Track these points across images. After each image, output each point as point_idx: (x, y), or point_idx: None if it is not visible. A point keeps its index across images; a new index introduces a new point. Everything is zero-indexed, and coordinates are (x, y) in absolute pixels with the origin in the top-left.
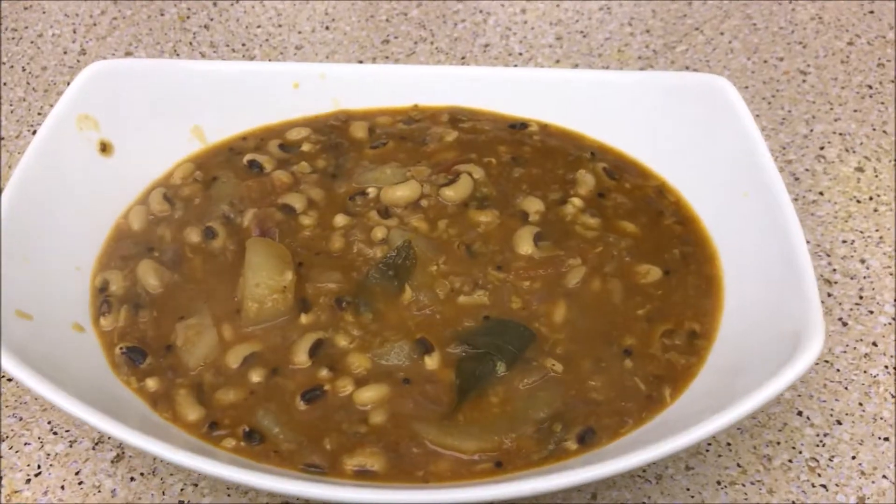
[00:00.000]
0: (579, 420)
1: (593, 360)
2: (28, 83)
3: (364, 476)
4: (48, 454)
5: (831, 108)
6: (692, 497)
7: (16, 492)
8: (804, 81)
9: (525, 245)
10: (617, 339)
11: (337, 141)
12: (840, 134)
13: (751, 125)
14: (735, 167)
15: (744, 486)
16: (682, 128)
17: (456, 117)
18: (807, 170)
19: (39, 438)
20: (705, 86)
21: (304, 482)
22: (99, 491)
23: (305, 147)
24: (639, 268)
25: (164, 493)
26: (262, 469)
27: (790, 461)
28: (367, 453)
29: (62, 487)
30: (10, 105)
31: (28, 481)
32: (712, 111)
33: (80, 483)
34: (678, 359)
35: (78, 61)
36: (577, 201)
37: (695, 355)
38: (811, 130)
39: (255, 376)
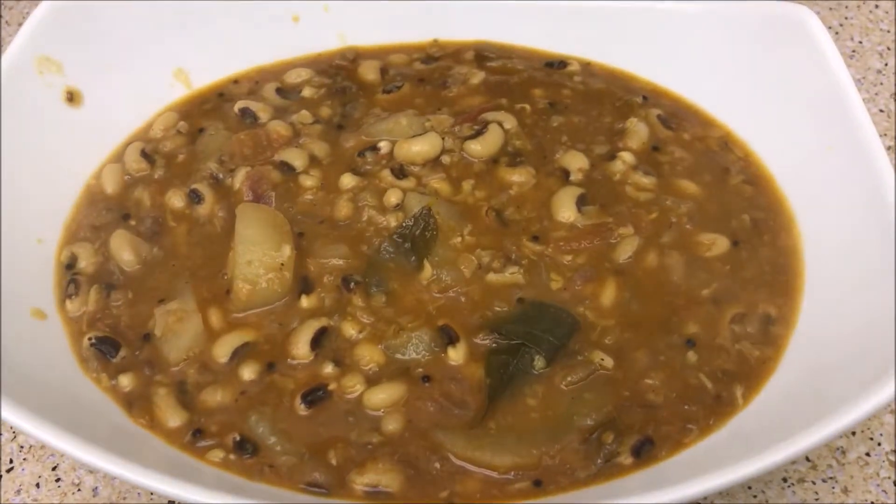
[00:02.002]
0: (634, 428)
1: (649, 353)
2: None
3: (377, 498)
4: (21, 447)
5: None
6: (754, 497)
7: None
8: (877, 7)
9: (566, 210)
10: (677, 327)
11: (343, 84)
12: None
13: (837, 64)
14: (817, 115)
15: (814, 483)
16: (751, 67)
17: (483, 54)
18: (881, 111)
19: (12, 429)
20: (782, 17)
21: None
22: (79, 489)
23: (307, 92)
24: (702, 238)
25: (151, 494)
26: (254, 492)
27: (868, 455)
28: (380, 469)
29: (37, 485)
30: None
31: None
32: (790, 47)
33: (58, 480)
34: (751, 350)
35: None
36: (627, 156)
37: (771, 346)
38: (885, 65)
39: (248, 373)
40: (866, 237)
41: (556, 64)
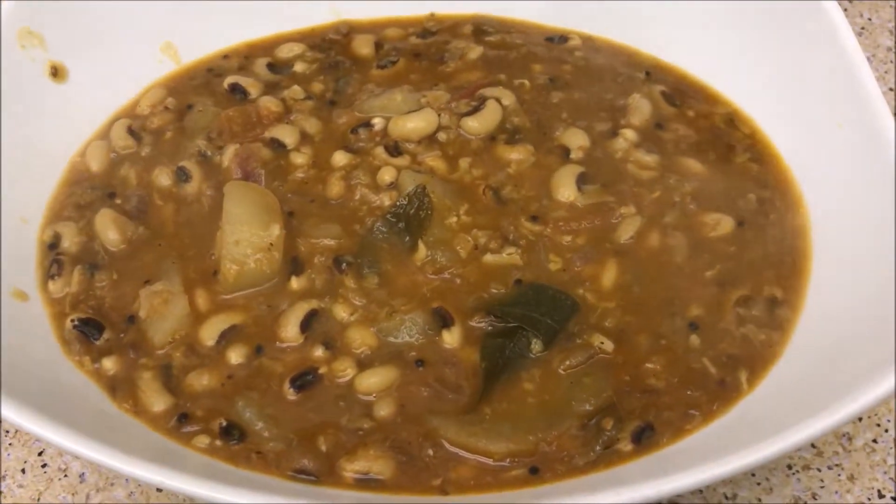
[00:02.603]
0: (635, 413)
1: (651, 336)
2: None
3: (367, 485)
4: (7, 431)
5: None
6: (758, 484)
7: None
8: None
9: (566, 189)
10: (680, 309)
11: (337, 59)
12: None
13: (848, 37)
14: (827, 91)
15: (819, 470)
16: (759, 42)
17: (481, 29)
18: (891, 89)
19: None
20: None
21: (290, 500)
22: (65, 475)
23: (299, 67)
24: (706, 217)
25: None
26: (240, 479)
27: (874, 441)
28: (371, 456)
29: (23, 471)
30: None
31: None
32: (800, 22)
33: (44, 466)
34: (757, 334)
35: None
36: (629, 134)
37: (777, 329)
38: None
39: (235, 356)
40: (876, 218)
41: (557, 38)
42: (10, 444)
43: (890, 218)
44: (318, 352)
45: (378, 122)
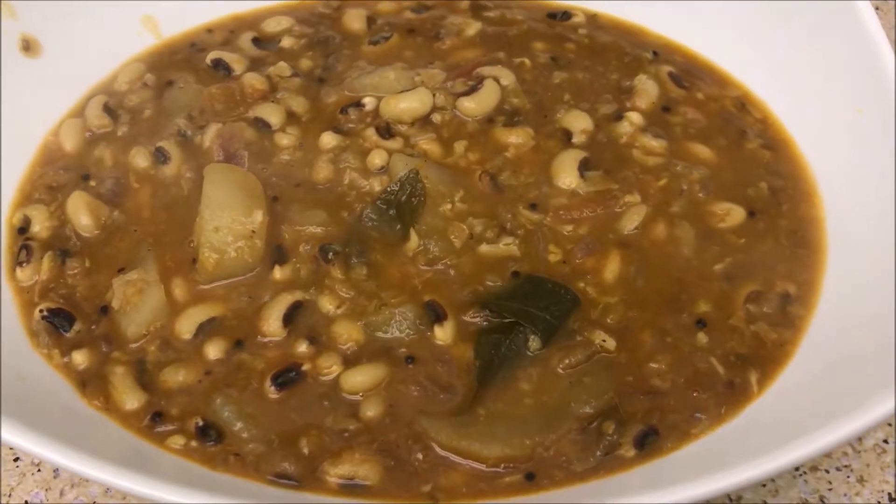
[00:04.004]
0: (637, 416)
1: (656, 334)
2: None
3: (352, 491)
4: None
5: None
6: (763, 486)
7: None
8: None
9: (567, 176)
10: (687, 305)
11: (326, 34)
12: None
13: (870, 19)
14: (844, 75)
15: (827, 472)
16: (773, 22)
17: (479, 3)
18: None
19: None
20: None
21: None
22: (39, 470)
23: (286, 42)
24: (715, 207)
25: None
26: (216, 484)
27: (885, 441)
28: (356, 460)
29: None
30: None
31: None
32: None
33: (16, 459)
34: (768, 332)
35: None
36: (635, 117)
37: (790, 328)
38: None
39: (213, 351)
40: (893, 207)
41: (560, 15)
42: None
43: None
44: (302, 347)
45: (369, 102)
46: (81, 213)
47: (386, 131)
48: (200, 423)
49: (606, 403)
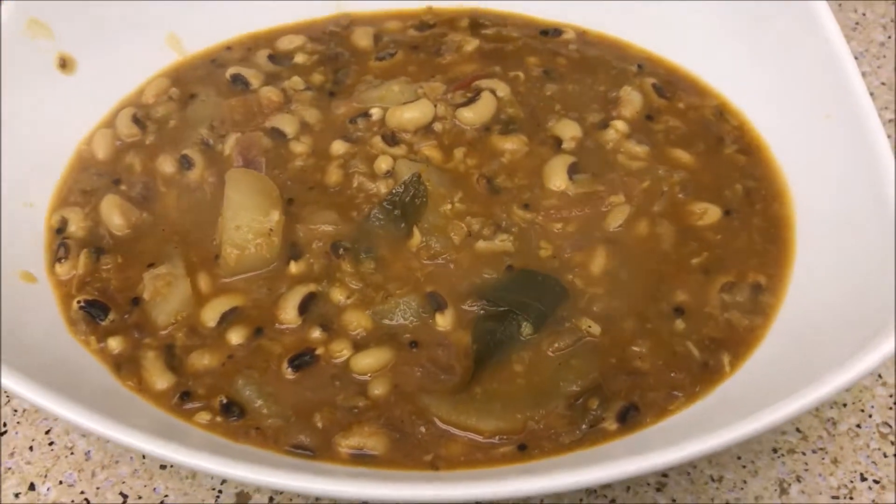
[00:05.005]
0: (620, 394)
1: (637, 321)
2: None
3: (362, 460)
4: (15, 410)
5: None
6: (744, 466)
7: None
8: None
9: (557, 179)
10: (666, 295)
11: (336, 51)
12: None
13: (834, 33)
14: (813, 85)
15: (804, 454)
16: (747, 36)
17: (477, 22)
18: (883, 83)
19: (5, 393)
20: None
21: (287, 473)
22: (72, 453)
23: (299, 58)
24: (694, 207)
25: (143, 457)
26: (240, 453)
27: (858, 426)
28: (365, 433)
29: (30, 448)
30: None
31: None
32: (786, 16)
33: (51, 444)
34: (740, 319)
35: None
36: (620, 125)
37: (760, 315)
38: (889, 37)
39: (235, 337)
40: (860, 208)
41: (551, 32)
42: (17, 423)
43: (873, 209)
44: (316, 333)
45: (376, 113)
46: (114, 214)
47: (391, 139)
48: (224, 401)
49: (591, 382)
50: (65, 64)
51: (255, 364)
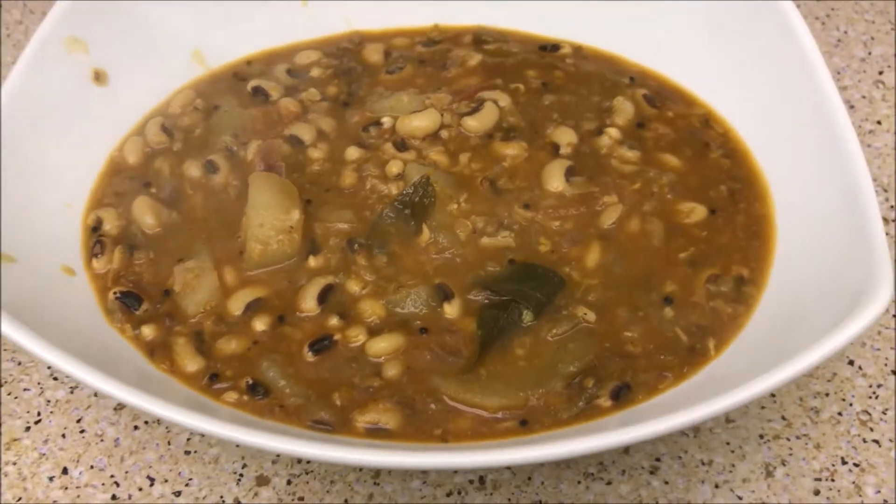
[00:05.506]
0: (613, 375)
1: (629, 309)
2: (25, 5)
3: (377, 434)
4: (48, 401)
5: (893, 29)
6: (732, 451)
7: (15, 440)
8: None
9: (555, 181)
10: (656, 286)
11: (349, 65)
12: None
13: (811, 46)
14: (791, 94)
15: (788, 440)
16: (731, 50)
17: (480, 38)
18: (863, 97)
19: (39, 384)
20: (759, 2)
21: (310, 442)
22: (101, 440)
23: (315, 72)
24: (681, 206)
25: (169, 444)
26: (265, 427)
27: (840, 414)
28: (380, 409)
29: (63, 436)
30: (7, 29)
31: (27, 429)
32: (767, 31)
33: (82, 431)
34: (724, 307)
35: None
36: (613, 132)
37: (743, 304)
38: (869, 53)
39: (260, 324)
40: (833, 207)
41: (549, 47)
42: (51, 413)
43: (844, 208)
44: (334, 321)
45: (387, 121)
46: (145, 214)
47: (401, 145)
48: (250, 382)
49: (587, 364)
50: (99, 77)
51: (278, 348)
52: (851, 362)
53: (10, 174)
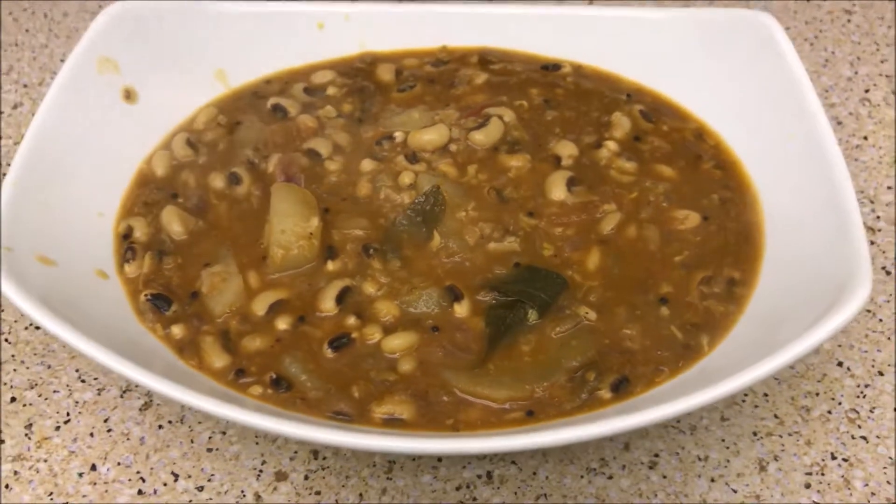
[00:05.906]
0: (613, 369)
1: (628, 308)
2: (50, 29)
3: (393, 424)
4: (76, 402)
5: (877, 49)
6: (727, 448)
7: (45, 438)
8: (849, 21)
9: (557, 190)
10: (653, 287)
11: (363, 84)
12: (886, 76)
13: (796, 64)
14: (779, 109)
15: (781, 437)
16: (722, 68)
17: (486, 58)
18: (850, 113)
19: (68, 386)
20: (748, 22)
21: (332, 430)
22: (128, 439)
23: (331, 91)
24: (676, 213)
25: (192, 441)
26: (288, 416)
27: (829, 412)
28: (395, 401)
29: (91, 435)
30: (33, 52)
31: (57, 428)
32: (755, 50)
33: (109, 430)
34: (717, 307)
35: (100, 7)
36: (612, 145)
37: (734, 303)
38: (856, 73)
39: (282, 324)
40: (818, 215)
41: (551, 66)
42: (79, 413)
43: (828, 215)
44: (351, 320)
45: (399, 136)
46: (173, 222)
47: (413, 158)
48: (274, 377)
49: (589, 359)
50: (129, 95)
51: (299, 346)
52: (840, 363)
53: (49, 186)
